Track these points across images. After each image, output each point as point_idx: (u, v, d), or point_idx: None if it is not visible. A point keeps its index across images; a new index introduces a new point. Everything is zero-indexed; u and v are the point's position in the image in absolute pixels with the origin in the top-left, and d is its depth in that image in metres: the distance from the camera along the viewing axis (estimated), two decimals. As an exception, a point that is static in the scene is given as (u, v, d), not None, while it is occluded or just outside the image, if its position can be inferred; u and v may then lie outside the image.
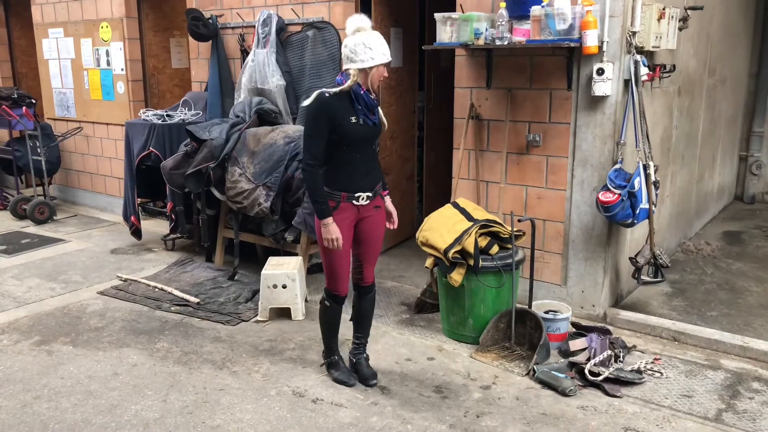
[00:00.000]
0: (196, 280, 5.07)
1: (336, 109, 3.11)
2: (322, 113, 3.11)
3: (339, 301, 3.43)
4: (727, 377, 3.52)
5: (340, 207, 3.22)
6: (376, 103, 3.21)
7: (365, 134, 3.18)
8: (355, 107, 3.13)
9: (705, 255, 5.49)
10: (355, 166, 3.21)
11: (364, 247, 3.38)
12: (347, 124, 3.11)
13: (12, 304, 4.67)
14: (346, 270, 3.36)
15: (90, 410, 3.25)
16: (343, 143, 3.14)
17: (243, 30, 5.66)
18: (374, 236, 3.38)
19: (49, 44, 7.50)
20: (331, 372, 3.56)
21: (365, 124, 3.16)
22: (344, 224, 3.23)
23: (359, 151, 3.20)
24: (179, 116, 5.80)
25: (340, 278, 3.36)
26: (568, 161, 4.15)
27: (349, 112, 3.12)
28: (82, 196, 7.74)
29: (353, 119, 3.12)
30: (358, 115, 3.13)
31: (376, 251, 3.46)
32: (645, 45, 3.96)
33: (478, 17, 4.07)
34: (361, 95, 3.13)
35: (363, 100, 3.13)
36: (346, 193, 3.21)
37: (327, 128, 3.11)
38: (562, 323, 3.85)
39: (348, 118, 3.11)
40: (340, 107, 3.12)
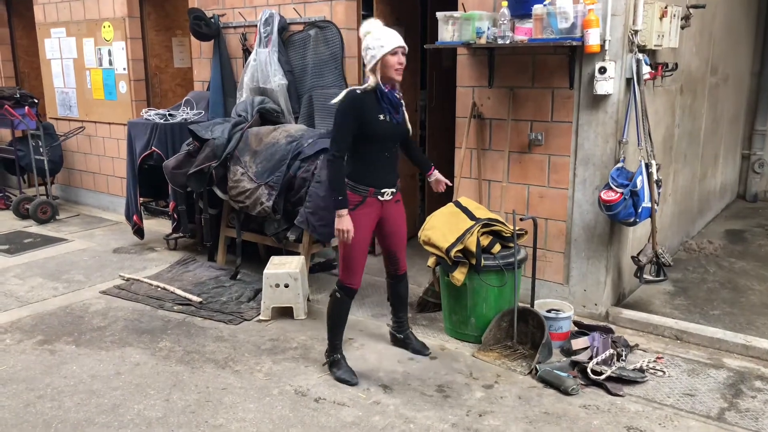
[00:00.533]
0: (198, 279, 5.07)
1: (365, 106, 3.25)
2: (352, 109, 3.24)
3: (350, 294, 3.51)
4: (730, 376, 3.52)
5: (366, 202, 3.37)
6: (400, 102, 3.36)
7: (391, 132, 3.35)
8: (381, 105, 3.28)
9: (707, 254, 5.48)
10: (381, 162, 3.38)
11: (393, 238, 3.59)
12: (375, 122, 3.26)
13: (15, 303, 4.68)
14: (362, 264, 3.47)
15: (93, 409, 3.26)
16: (371, 140, 3.30)
17: (245, 29, 5.66)
18: (399, 227, 3.59)
19: (51, 44, 7.51)
20: (333, 371, 3.56)
21: (391, 121, 3.31)
22: (367, 219, 3.38)
23: (385, 148, 3.37)
24: (181, 116, 5.81)
25: (356, 271, 3.46)
26: (571, 160, 4.15)
27: (377, 109, 3.27)
28: (85, 196, 7.75)
29: (381, 117, 3.28)
30: (384, 112, 3.28)
31: (404, 241, 3.68)
32: (647, 43, 3.95)
33: (480, 16, 4.07)
34: (386, 93, 3.28)
35: (388, 98, 3.28)
36: (373, 188, 3.36)
37: (355, 124, 3.24)
38: (564, 322, 3.85)
39: (376, 115, 3.27)
40: (369, 105, 3.26)
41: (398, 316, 3.86)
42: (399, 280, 3.76)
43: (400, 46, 3.23)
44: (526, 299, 4.00)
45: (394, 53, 3.21)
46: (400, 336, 3.87)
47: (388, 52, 3.20)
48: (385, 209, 3.46)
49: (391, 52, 3.20)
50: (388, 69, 3.23)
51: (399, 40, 3.23)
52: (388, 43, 3.20)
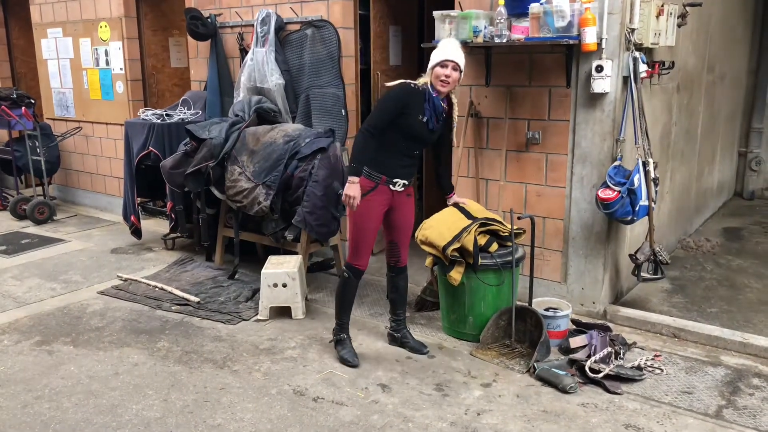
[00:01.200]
0: (196, 279, 5.07)
1: (412, 101, 3.39)
2: (403, 96, 3.40)
3: (358, 275, 3.66)
4: (728, 373, 3.53)
5: (378, 189, 3.51)
6: (442, 109, 3.46)
7: (423, 134, 3.47)
8: (425, 106, 3.40)
9: (705, 251, 5.49)
10: (402, 156, 3.51)
11: (399, 232, 3.70)
12: (413, 118, 3.40)
13: (12, 304, 4.67)
14: (369, 247, 3.63)
15: (91, 410, 3.26)
16: (401, 133, 3.43)
17: (242, 29, 5.66)
18: (407, 222, 3.71)
19: (47, 44, 7.49)
20: (338, 349, 3.75)
21: (427, 124, 3.43)
22: (378, 205, 3.52)
23: (411, 147, 3.50)
24: (178, 115, 5.80)
25: (363, 254, 3.61)
26: (568, 158, 4.15)
27: (420, 108, 3.40)
28: (82, 196, 7.74)
29: (420, 117, 3.40)
30: (425, 114, 3.41)
31: (409, 235, 3.77)
32: (644, 42, 3.96)
33: (477, 15, 4.07)
34: (433, 97, 3.41)
35: (433, 102, 3.41)
36: (386, 177, 3.49)
37: (398, 111, 3.38)
38: (562, 320, 3.85)
39: (417, 113, 3.40)
40: (415, 101, 3.40)
41: (396, 313, 3.88)
42: (399, 273, 3.81)
43: (450, 60, 3.37)
44: (524, 298, 4.00)
45: (443, 65, 3.37)
46: (398, 335, 3.89)
47: (437, 63, 3.39)
48: (395, 200, 3.59)
49: (440, 63, 3.38)
50: (435, 78, 3.40)
51: (452, 55, 3.38)
52: (440, 55, 3.39)
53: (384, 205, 3.57)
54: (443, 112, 3.50)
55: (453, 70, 3.38)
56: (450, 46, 3.42)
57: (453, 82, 3.42)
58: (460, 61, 3.42)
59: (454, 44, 3.46)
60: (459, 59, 3.41)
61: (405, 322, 3.92)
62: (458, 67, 3.41)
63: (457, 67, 3.40)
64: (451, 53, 3.38)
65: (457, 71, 3.41)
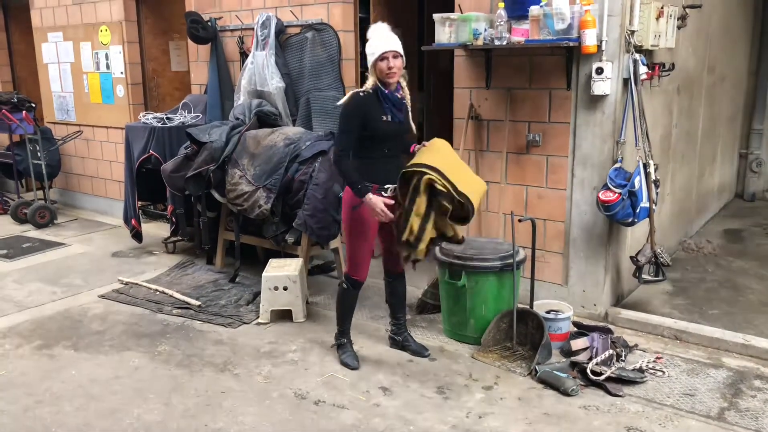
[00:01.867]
0: (197, 282, 5.07)
1: (369, 108, 3.35)
2: (357, 109, 3.35)
3: (357, 287, 3.63)
4: (729, 375, 3.52)
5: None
6: (402, 102, 3.42)
7: (394, 131, 3.42)
8: (383, 106, 3.35)
9: (706, 253, 5.49)
10: (385, 160, 3.45)
11: (390, 241, 3.57)
12: (378, 122, 3.35)
13: (13, 308, 4.67)
14: (367, 258, 3.57)
15: (92, 414, 3.25)
16: (375, 139, 3.38)
17: (242, 32, 5.67)
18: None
19: (48, 48, 7.51)
20: (339, 352, 3.76)
21: (393, 121, 3.39)
22: (371, 217, 3.39)
23: (389, 147, 3.45)
24: (179, 119, 5.80)
25: (361, 265, 3.56)
26: (568, 160, 4.15)
27: (379, 110, 3.35)
28: (83, 200, 7.74)
29: (384, 117, 3.35)
30: (387, 113, 3.36)
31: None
32: (644, 44, 3.96)
33: (477, 17, 4.07)
34: (387, 95, 3.35)
35: (389, 99, 3.36)
36: (377, 185, 3.40)
37: (360, 124, 3.34)
38: (563, 323, 3.84)
39: (379, 116, 3.35)
40: (372, 106, 3.35)
41: (396, 317, 3.88)
42: (396, 279, 3.79)
43: (389, 51, 3.28)
44: (525, 300, 4.00)
45: (382, 59, 3.29)
46: (399, 338, 3.88)
47: (377, 58, 3.30)
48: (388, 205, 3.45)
49: (380, 57, 3.29)
50: (380, 73, 3.33)
51: (387, 45, 3.29)
52: (377, 48, 3.30)
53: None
54: (402, 102, 3.44)
55: (394, 58, 3.30)
56: (382, 37, 3.32)
57: (398, 69, 3.33)
58: (397, 47, 3.32)
59: (385, 32, 3.35)
60: (395, 46, 3.31)
61: (406, 326, 3.91)
62: (398, 53, 3.32)
63: (397, 55, 3.31)
64: (385, 44, 3.29)
65: (398, 58, 3.32)
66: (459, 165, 3.51)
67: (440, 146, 3.53)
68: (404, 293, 3.87)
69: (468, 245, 3.99)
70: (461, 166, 3.53)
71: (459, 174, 3.38)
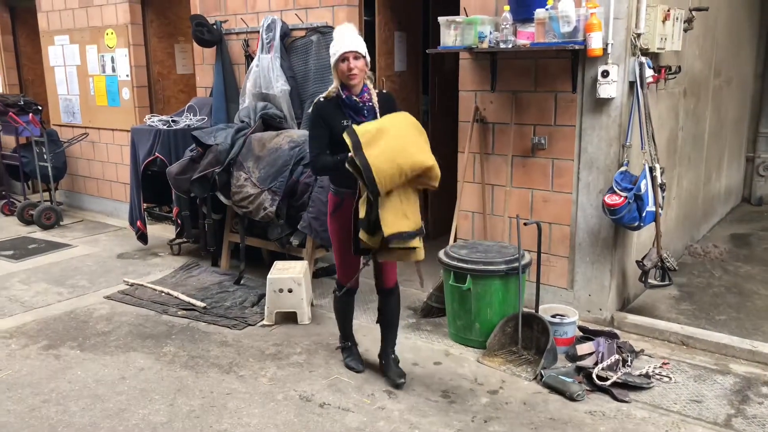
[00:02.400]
0: (202, 284, 5.07)
1: (328, 113, 3.23)
2: (318, 117, 3.25)
3: (348, 293, 3.54)
4: (737, 382, 3.50)
5: (344, 204, 3.30)
6: (361, 105, 3.22)
7: None
8: (342, 110, 3.23)
9: (713, 258, 5.46)
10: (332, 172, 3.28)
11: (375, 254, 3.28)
12: (339, 127, 3.18)
13: (20, 308, 4.68)
14: (348, 264, 3.43)
15: (98, 414, 3.26)
16: (339, 144, 3.14)
17: (247, 35, 5.68)
18: None
19: (54, 51, 7.54)
20: (343, 355, 3.74)
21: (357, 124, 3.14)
22: (347, 220, 3.27)
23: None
24: (184, 122, 5.82)
25: (347, 272, 3.46)
26: (574, 164, 4.14)
27: (339, 115, 3.23)
28: (89, 202, 7.77)
29: (344, 122, 3.20)
30: (347, 118, 3.22)
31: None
32: (650, 47, 3.95)
33: (482, 20, 4.07)
34: (344, 99, 3.21)
35: (346, 103, 3.22)
36: (349, 190, 3.25)
37: (325, 130, 3.23)
38: (569, 327, 3.83)
39: (339, 120, 3.21)
40: (331, 111, 3.23)
41: (383, 337, 3.61)
42: (386, 295, 3.51)
43: (349, 51, 3.13)
44: (531, 304, 3.98)
45: (343, 59, 3.14)
46: (382, 361, 3.60)
47: (338, 59, 3.15)
48: None
49: (340, 58, 3.15)
50: (341, 75, 3.18)
51: (348, 45, 3.13)
52: (338, 49, 3.15)
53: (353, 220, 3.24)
54: (366, 104, 3.22)
55: (355, 59, 3.13)
56: (344, 36, 3.15)
57: (360, 71, 3.16)
58: (359, 47, 3.15)
59: (349, 31, 3.19)
60: (357, 47, 3.14)
61: (392, 349, 3.60)
62: (359, 54, 3.15)
63: (358, 56, 3.14)
64: (347, 44, 3.12)
65: (359, 59, 3.15)
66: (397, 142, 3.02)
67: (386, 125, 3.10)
68: (394, 313, 3.57)
69: (473, 249, 3.99)
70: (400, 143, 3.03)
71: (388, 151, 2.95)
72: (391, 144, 2.98)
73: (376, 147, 2.95)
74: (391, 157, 2.95)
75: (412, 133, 3.10)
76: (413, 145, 3.04)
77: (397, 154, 2.96)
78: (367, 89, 3.27)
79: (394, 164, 2.94)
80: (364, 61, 3.20)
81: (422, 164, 3.01)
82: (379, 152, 2.94)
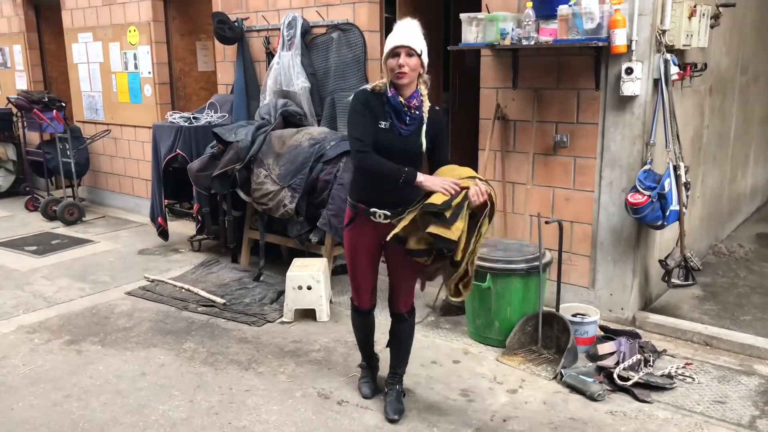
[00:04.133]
0: (221, 280, 5.10)
1: (372, 107, 2.86)
2: (363, 104, 2.86)
3: (360, 312, 3.25)
4: (762, 383, 3.43)
5: (357, 221, 3.00)
6: (407, 112, 2.85)
7: (391, 142, 2.85)
8: (385, 109, 2.86)
9: (737, 257, 5.37)
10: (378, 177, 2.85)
11: (391, 268, 3.10)
12: (376, 125, 2.87)
13: (43, 303, 4.75)
14: (363, 283, 3.15)
15: (118, 409, 3.29)
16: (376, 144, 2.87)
17: (268, 33, 5.69)
18: (397, 263, 3.01)
19: (78, 48, 7.63)
20: (360, 374, 3.50)
21: (392, 131, 2.86)
22: (363, 238, 3.02)
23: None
24: (205, 119, 5.85)
25: (358, 290, 3.19)
26: (596, 162, 4.09)
27: (380, 114, 2.86)
28: (110, 198, 7.86)
29: (382, 123, 2.85)
30: (386, 119, 2.86)
31: (404, 279, 3.07)
32: (675, 43, 3.88)
33: (504, 17, 4.03)
34: (389, 97, 2.84)
35: (390, 102, 2.85)
36: (364, 206, 2.95)
37: (371, 119, 2.84)
38: (589, 327, 3.79)
39: (379, 119, 2.86)
40: (375, 106, 2.87)
41: (391, 364, 3.30)
42: (398, 321, 3.18)
43: (401, 46, 2.76)
44: (551, 303, 3.95)
45: (393, 54, 2.78)
46: (386, 389, 3.28)
47: (387, 54, 2.80)
48: (384, 233, 2.85)
49: (391, 53, 2.79)
50: (390, 73, 2.82)
51: (398, 39, 2.77)
52: (390, 43, 2.80)
53: (371, 237, 2.99)
54: (412, 110, 2.86)
55: (407, 56, 2.76)
56: (401, 30, 2.80)
57: (412, 70, 2.79)
58: (414, 43, 2.76)
59: (407, 25, 2.82)
60: (412, 42, 2.76)
61: (399, 380, 3.28)
62: (413, 51, 2.76)
63: (412, 52, 2.76)
64: (401, 38, 2.76)
65: (413, 56, 2.77)
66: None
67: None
68: (406, 341, 3.24)
69: (494, 247, 3.96)
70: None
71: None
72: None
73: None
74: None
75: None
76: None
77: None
78: (418, 95, 2.88)
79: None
80: (419, 61, 2.80)
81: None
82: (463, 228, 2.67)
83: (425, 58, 2.84)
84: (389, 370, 3.32)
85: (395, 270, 3.09)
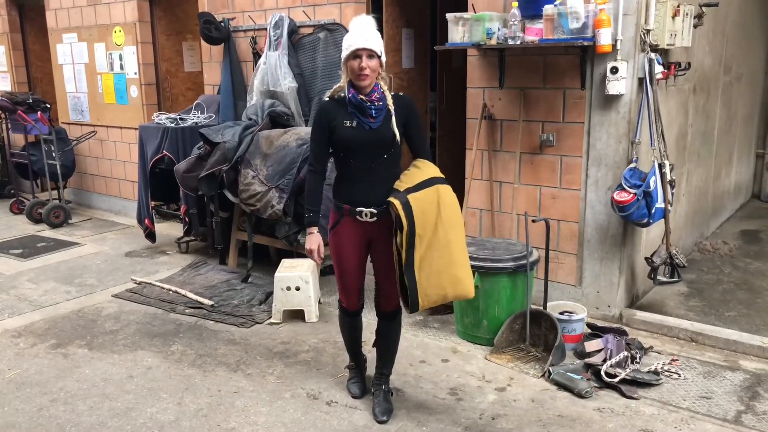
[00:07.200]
0: (209, 282, 5.08)
1: (331, 114, 2.93)
2: (319, 118, 2.97)
3: (348, 314, 3.27)
4: (746, 378, 3.47)
5: (343, 221, 3.03)
6: (367, 105, 2.88)
7: (363, 139, 2.90)
8: (348, 110, 2.91)
9: (722, 254, 5.42)
10: (359, 175, 2.95)
11: (378, 272, 3.13)
12: (340, 128, 2.91)
13: (28, 307, 4.71)
14: (350, 285, 3.16)
15: (106, 413, 3.27)
16: (341, 149, 2.95)
17: (255, 33, 5.68)
18: (386, 261, 3.02)
19: (63, 49, 7.57)
20: (348, 375, 3.50)
21: (360, 128, 2.89)
22: (349, 239, 3.04)
23: (360, 159, 2.93)
24: (192, 119, 5.83)
25: (345, 292, 3.20)
26: (583, 161, 4.12)
27: (344, 115, 2.91)
28: (97, 200, 7.80)
29: (347, 123, 2.90)
30: (351, 118, 2.90)
31: (390, 278, 3.03)
32: (659, 43, 3.92)
33: (490, 17, 4.05)
34: (349, 98, 2.89)
35: (351, 102, 2.89)
36: (349, 206, 2.98)
37: (324, 134, 2.95)
38: (577, 324, 3.81)
39: (342, 121, 2.91)
40: (336, 111, 2.93)
41: (377, 364, 3.30)
42: (385, 319, 3.20)
43: (363, 48, 2.80)
44: (539, 301, 3.97)
45: (355, 56, 2.82)
46: (373, 391, 3.28)
47: (349, 55, 2.83)
48: (371, 232, 2.99)
49: (352, 54, 2.83)
50: (351, 74, 2.86)
51: (362, 41, 2.81)
52: (351, 44, 2.83)
53: (357, 237, 3.03)
54: (375, 103, 2.88)
55: (368, 58, 2.81)
56: (360, 31, 2.83)
57: (373, 71, 2.84)
58: (374, 45, 2.82)
59: (365, 25, 2.86)
60: (373, 44, 2.82)
61: (386, 380, 3.28)
62: (373, 53, 2.82)
63: (372, 54, 2.82)
64: (362, 40, 2.80)
65: (373, 58, 2.83)
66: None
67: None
68: (394, 340, 3.24)
69: (481, 246, 3.97)
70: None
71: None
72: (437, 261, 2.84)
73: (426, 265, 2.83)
74: (438, 283, 2.86)
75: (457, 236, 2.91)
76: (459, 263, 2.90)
77: (444, 279, 2.87)
78: (378, 89, 2.92)
79: (440, 292, 2.89)
80: (379, 61, 2.87)
81: (465, 295, 2.96)
82: (427, 273, 2.84)
83: (384, 58, 2.92)
84: (375, 371, 3.32)
85: (381, 269, 3.11)
